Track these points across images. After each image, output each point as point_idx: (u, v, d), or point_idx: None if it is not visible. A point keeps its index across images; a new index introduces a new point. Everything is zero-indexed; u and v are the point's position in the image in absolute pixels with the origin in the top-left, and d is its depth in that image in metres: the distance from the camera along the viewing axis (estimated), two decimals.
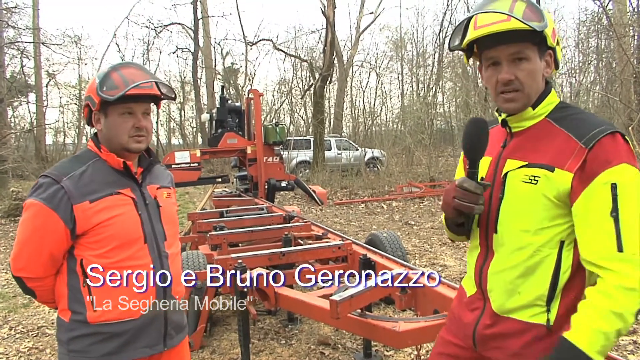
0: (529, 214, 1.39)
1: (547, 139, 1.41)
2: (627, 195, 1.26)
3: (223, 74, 28.40)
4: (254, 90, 8.49)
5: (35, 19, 23.22)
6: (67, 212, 1.72)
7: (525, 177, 1.40)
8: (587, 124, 1.35)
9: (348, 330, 3.27)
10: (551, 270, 1.37)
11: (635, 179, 1.28)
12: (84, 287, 1.77)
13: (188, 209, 12.17)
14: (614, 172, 1.27)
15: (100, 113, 1.84)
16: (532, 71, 1.41)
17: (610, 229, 1.24)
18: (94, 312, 1.77)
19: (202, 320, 3.95)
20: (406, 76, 31.65)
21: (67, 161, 1.88)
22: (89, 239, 1.77)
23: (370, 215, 11.06)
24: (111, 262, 1.78)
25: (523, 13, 1.34)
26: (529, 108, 1.44)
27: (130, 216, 1.83)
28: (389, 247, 4.48)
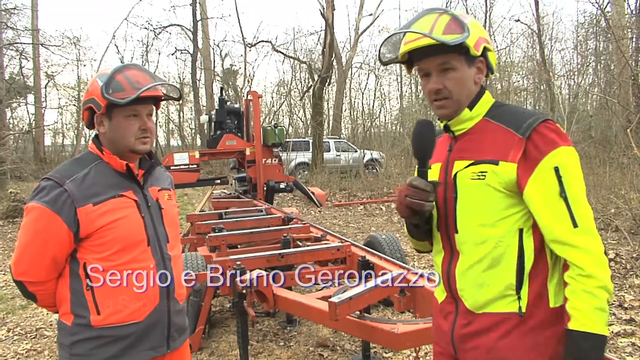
0: (484, 208, 1.45)
1: (488, 136, 1.48)
2: (569, 175, 1.36)
3: (222, 76, 28.40)
4: (253, 92, 8.50)
5: (34, 20, 23.26)
6: (70, 215, 1.71)
7: (474, 175, 1.46)
8: (520, 116, 1.44)
9: (347, 332, 3.27)
10: (515, 259, 1.42)
11: (573, 157, 1.39)
12: (88, 290, 1.76)
13: (187, 210, 12.16)
14: (554, 155, 1.36)
15: (104, 116, 1.82)
16: (459, 79, 1.48)
17: (563, 208, 1.34)
18: (98, 316, 1.76)
19: (201, 321, 3.94)
20: (405, 78, 31.67)
21: (69, 163, 1.86)
22: (92, 242, 1.76)
23: (369, 216, 11.06)
24: (115, 264, 1.77)
25: (445, 27, 1.42)
26: (466, 110, 1.52)
27: (134, 218, 1.83)
28: (388, 249, 4.49)
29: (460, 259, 1.52)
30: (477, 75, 1.52)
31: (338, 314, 2.41)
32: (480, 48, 1.47)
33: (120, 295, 1.78)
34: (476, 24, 1.49)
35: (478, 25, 1.49)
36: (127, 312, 1.79)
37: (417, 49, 1.48)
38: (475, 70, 1.51)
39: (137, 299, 1.81)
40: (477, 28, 1.47)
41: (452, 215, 1.53)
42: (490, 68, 1.53)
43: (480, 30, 1.48)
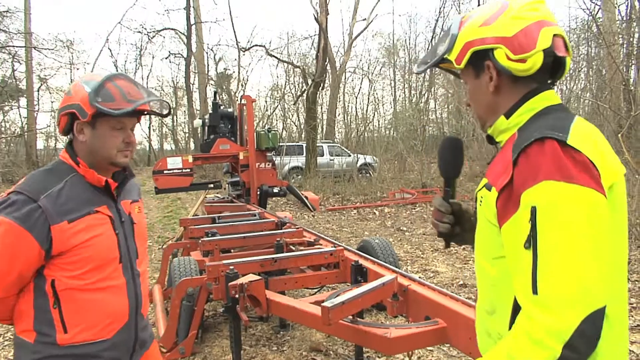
0: (485, 242, 1.24)
1: (503, 153, 1.23)
2: (547, 222, 1.00)
3: (216, 80, 28.41)
4: (247, 96, 8.50)
5: (27, 23, 23.18)
6: (43, 233, 1.61)
7: (480, 198, 1.25)
8: (533, 130, 1.14)
9: (340, 336, 3.27)
10: (509, 309, 1.15)
11: (560, 198, 1.01)
12: (55, 308, 1.67)
13: (180, 214, 12.14)
14: (534, 191, 1.03)
15: (87, 124, 1.74)
16: (472, 92, 1.37)
17: (527, 263, 1.02)
18: (65, 334, 1.68)
19: (194, 326, 3.93)
20: (398, 82, 31.89)
21: (41, 175, 1.74)
22: (64, 260, 1.67)
23: (363, 221, 11.07)
24: (86, 283, 1.70)
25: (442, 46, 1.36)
26: (502, 118, 1.29)
27: (108, 236, 1.77)
28: (381, 254, 4.49)
29: (478, 293, 1.33)
30: (489, 83, 1.29)
31: (331, 318, 2.41)
32: (466, 57, 1.29)
33: (89, 313, 1.72)
34: (470, 25, 1.30)
35: (472, 26, 1.29)
36: (96, 330, 1.73)
37: None
38: (488, 78, 1.29)
39: (106, 317, 1.76)
40: (468, 31, 1.29)
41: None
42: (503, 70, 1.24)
43: (471, 33, 1.28)
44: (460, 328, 2.45)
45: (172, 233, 9.92)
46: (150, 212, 13.72)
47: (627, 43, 13.03)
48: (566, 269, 0.97)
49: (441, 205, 1.46)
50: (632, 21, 13.04)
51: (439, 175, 1.49)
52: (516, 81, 1.26)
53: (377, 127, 28.60)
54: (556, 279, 0.97)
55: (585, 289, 0.96)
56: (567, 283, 0.96)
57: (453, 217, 1.48)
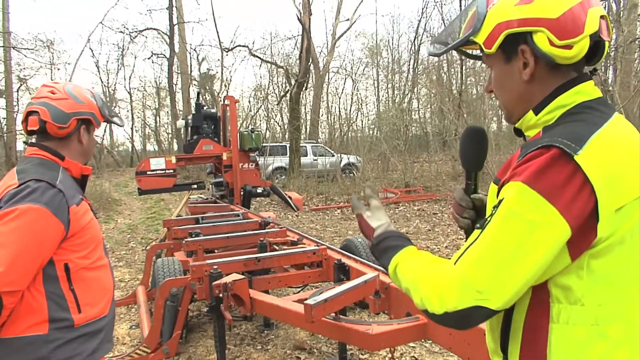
0: None
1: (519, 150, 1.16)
2: (501, 216, 1.02)
3: (199, 80, 28.27)
4: (230, 97, 8.51)
5: (4, 22, 22.81)
6: (65, 215, 1.75)
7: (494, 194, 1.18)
8: (555, 133, 1.05)
9: (323, 334, 3.31)
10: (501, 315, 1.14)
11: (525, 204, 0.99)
12: (70, 290, 1.78)
13: (163, 215, 12.09)
14: (509, 186, 1.03)
15: (86, 130, 2.03)
16: (496, 80, 1.23)
17: (471, 239, 1.06)
18: (80, 314, 1.80)
19: (178, 326, 3.94)
20: (382, 82, 32.05)
21: (39, 168, 1.83)
22: (74, 241, 1.80)
23: (346, 220, 11.13)
24: (91, 262, 1.88)
25: (466, 23, 1.22)
26: (530, 113, 1.17)
27: (95, 220, 1.99)
28: (364, 253, 4.55)
29: None
30: (523, 70, 1.15)
31: (314, 315, 2.45)
32: (498, 40, 1.13)
33: (95, 290, 1.89)
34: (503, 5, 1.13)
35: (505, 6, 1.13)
36: (100, 306, 1.90)
37: None
38: (521, 65, 1.15)
39: (105, 293, 1.95)
40: (501, 11, 1.13)
41: None
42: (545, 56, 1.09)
43: (505, 14, 1.12)
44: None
45: (156, 234, 9.88)
46: (133, 213, 13.64)
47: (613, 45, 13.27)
48: (487, 262, 1.00)
49: (462, 200, 1.36)
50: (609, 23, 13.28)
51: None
52: (554, 69, 1.13)
53: (361, 127, 28.75)
54: (476, 264, 1.01)
55: (491, 286, 0.99)
56: (481, 272, 1.00)
57: (474, 213, 1.37)
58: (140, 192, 7.74)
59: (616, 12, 13.27)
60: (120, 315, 5.21)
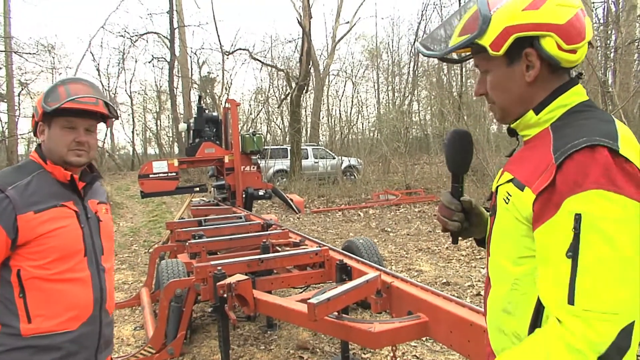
0: (508, 240, 1.19)
1: (536, 150, 1.17)
2: (592, 232, 0.96)
3: (199, 83, 28.36)
4: (231, 100, 8.56)
5: (6, 27, 22.91)
6: (10, 222, 1.68)
7: (505, 194, 1.19)
8: (576, 132, 1.07)
9: (326, 332, 3.36)
10: (531, 310, 1.13)
11: (609, 210, 0.96)
12: (20, 297, 1.72)
13: (165, 218, 12.13)
14: (581, 199, 0.98)
15: (45, 124, 1.87)
16: (496, 83, 1.25)
17: (565, 272, 0.98)
18: (29, 324, 1.73)
19: (182, 327, 3.99)
20: (382, 85, 32.11)
21: (9, 171, 1.85)
22: (29, 249, 1.73)
23: (347, 222, 11.18)
24: (51, 273, 1.77)
25: (463, 26, 1.24)
26: (531, 113, 1.22)
27: (73, 229, 1.84)
28: (365, 253, 4.59)
29: (491, 292, 1.29)
30: (527, 73, 1.20)
31: (317, 314, 2.49)
32: (507, 42, 1.17)
33: (54, 303, 1.77)
34: (510, 8, 1.16)
35: (512, 10, 1.16)
36: (61, 320, 1.78)
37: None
38: (524, 67, 1.19)
39: (71, 308, 1.81)
40: (508, 14, 1.16)
41: (490, 236, 1.31)
42: (552, 59, 1.16)
43: (511, 17, 1.16)
44: (441, 322, 2.55)
45: (158, 237, 9.93)
46: (135, 216, 13.69)
47: (605, 46, 13.32)
48: (607, 283, 0.95)
49: (451, 203, 1.37)
50: (608, 24, 13.33)
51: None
52: (554, 72, 1.20)
53: (361, 129, 28.83)
54: (596, 292, 0.95)
55: (623, 303, 0.94)
56: (607, 297, 0.94)
57: (463, 215, 1.40)
58: (143, 195, 7.79)
59: (615, 14, 13.32)
60: (125, 317, 5.26)
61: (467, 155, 1.38)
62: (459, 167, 1.38)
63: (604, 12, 14.19)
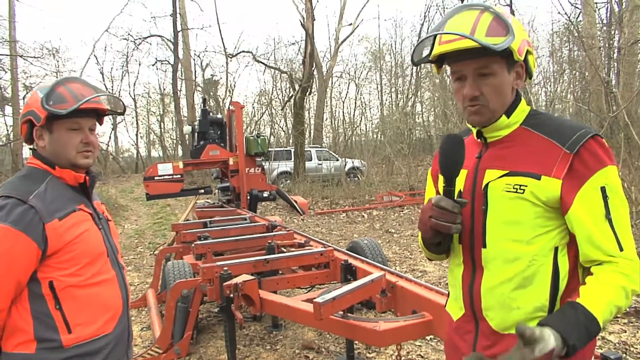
0: (520, 224, 1.36)
1: (526, 147, 1.39)
2: (614, 197, 1.30)
3: (203, 86, 28.44)
4: (236, 103, 8.62)
5: (11, 31, 23.04)
6: (38, 233, 1.62)
7: (509, 187, 1.37)
8: (566, 128, 1.36)
9: (331, 331, 3.39)
10: (549, 279, 1.34)
11: (617, 178, 1.34)
12: (56, 309, 1.68)
13: (170, 220, 12.19)
14: (602, 174, 1.30)
15: (44, 129, 1.78)
16: (497, 86, 1.38)
17: (609, 231, 1.29)
18: (69, 335, 1.69)
19: (189, 327, 4.03)
20: (385, 86, 32.11)
21: (19, 181, 1.76)
22: (59, 259, 1.69)
23: (351, 224, 11.21)
24: (83, 279, 1.74)
25: (487, 28, 1.31)
26: (503, 117, 1.42)
27: (95, 231, 1.82)
28: (370, 254, 4.61)
29: (486, 276, 1.43)
30: (515, 81, 1.42)
31: (322, 313, 2.52)
32: (524, 52, 1.36)
33: (90, 309, 1.75)
34: (519, 24, 1.37)
35: (521, 26, 1.37)
36: (99, 324, 1.77)
37: (453, 51, 1.35)
38: (515, 75, 1.41)
39: (106, 310, 1.80)
40: (521, 29, 1.36)
41: (481, 228, 1.43)
42: (529, 73, 1.44)
43: (523, 32, 1.37)
44: (445, 320, 2.56)
45: (163, 239, 9.98)
46: (140, 218, 13.76)
47: (608, 46, 13.33)
48: (629, 231, 1.33)
49: (454, 207, 1.38)
50: (611, 24, 13.33)
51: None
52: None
53: (365, 131, 28.84)
54: (628, 239, 1.32)
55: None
56: (631, 240, 1.32)
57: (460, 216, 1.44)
58: (149, 197, 7.84)
59: (618, 14, 13.33)
60: (131, 318, 5.24)
61: (461, 160, 1.41)
62: (455, 171, 1.40)
63: (607, 13, 14.22)
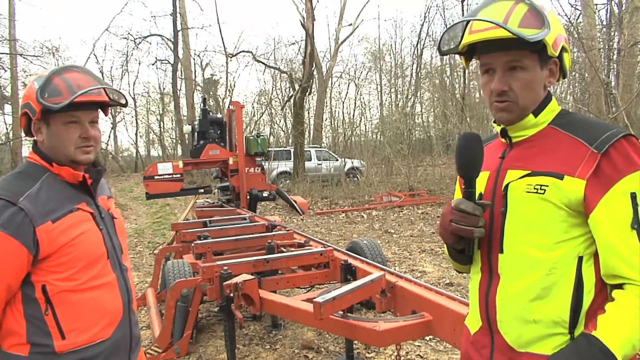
0: (540, 228, 1.25)
1: (551, 145, 1.28)
2: None
3: (203, 86, 28.44)
4: (236, 102, 8.62)
5: (11, 29, 23.03)
6: (29, 237, 1.52)
7: (530, 187, 1.26)
8: (596, 127, 1.24)
9: (331, 331, 3.40)
10: (571, 290, 1.22)
11: None
12: (47, 315, 1.59)
13: (169, 220, 12.19)
14: (632, 179, 1.17)
15: (41, 122, 1.67)
16: (528, 81, 1.30)
17: (634, 242, 1.15)
18: (63, 341, 1.60)
19: (189, 327, 4.04)
20: (385, 87, 32.16)
21: (13, 179, 1.65)
22: (53, 262, 1.59)
23: (351, 224, 11.21)
24: (79, 283, 1.64)
25: (521, 19, 1.23)
26: (530, 116, 1.33)
27: (93, 232, 1.71)
28: (369, 254, 4.62)
29: (501, 284, 1.32)
30: (548, 78, 1.33)
31: (322, 313, 2.53)
32: (559, 48, 1.28)
33: (86, 314, 1.66)
34: (556, 18, 1.28)
35: (558, 21, 1.29)
36: (95, 330, 1.68)
37: (483, 41, 1.28)
38: (548, 72, 1.32)
39: (103, 315, 1.71)
40: (557, 23, 1.27)
41: (499, 232, 1.33)
42: (563, 71, 1.34)
43: (560, 27, 1.28)
44: (445, 320, 2.59)
45: (162, 238, 9.99)
46: (139, 218, 13.75)
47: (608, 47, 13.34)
48: None
49: (475, 209, 1.30)
50: (611, 26, 13.35)
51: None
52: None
53: (364, 131, 28.84)
54: None
55: None
56: None
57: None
58: (148, 196, 7.84)
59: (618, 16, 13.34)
60: None
61: (481, 159, 1.33)
62: (472, 171, 1.33)
63: (607, 14, 14.21)
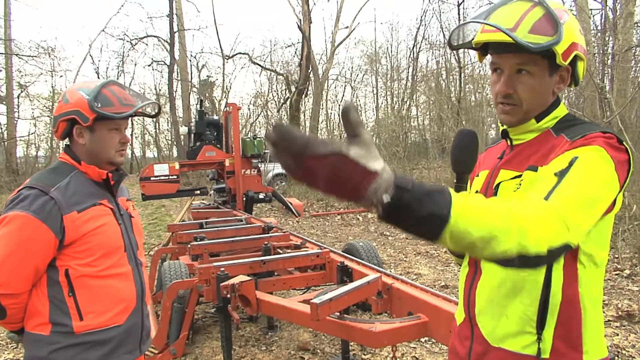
0: None
1: (543, 147, 1.30)
2: (581, 165, 1.11)
3: (199, 87, 28.41)
4: (232, 104, 8.64)
5: (6, 29, 22.97)
6: (56, 223, 1.75)
7: (516, 186, 1.29)
8: (585, 128, 1.23)
9: (327, 332, 3.41)
10: (539, 289, 1.22)
11: (600, 160, 1.14)
12: (70, 296, 1.80)
13: (165, 221, 12.17)
14: (581, 150, 1.15)
15: (85, 128, 1.90)
16: (534, 87, 1.29)
17: (549, 183, 1.09)
18: (81, 322, 1.80)
19: (185, 328, 4.04)
20: (381, 90, 32.16)
21: (47, 173, 1.90)
22: (76, 249, 1.80)
23: (347, 226, 11.23)
24: (97, 270, 1.85)
25: (534, 24, 1.20)
26: (532, 120, 1.33)
27: (113, 225, 1.93)
28: (365, 256, 4.65)
29: (482, 278, 1.35)
30: (558, 84, 1.31)
31: (319, 314, 2.55)
32: (570, 56, 1.25)
33: (103, 299, 1.86)
34: (573, 25, 1.26)
35: (574, 27, 1.26)
36: (110, 315, 1.87)
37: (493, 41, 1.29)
38: (557, 79, 1.31)
39: (119, 302, 1.90)
40: (573, 31, 1.25)
41: None
42: (575, 79, 1.32)
43: (575, 35, 1.26)
44: (441, 322, 2.61)
45: (158, 240, 9.96)
46: None
47: (602, 52, 13.42)
48: (574, 203, 1.04)
49: None
50: (606, 31, 13.43)
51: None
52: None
53: None
54: (566, 202, 1.03)
55: (577, 225, 1.02)
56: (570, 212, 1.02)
57: None
58: (144, 197, 7.84)
59: (612, 21, 13.43)
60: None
61: (475, 155, 1.37)
62: (468, 167, 1.37)
63: (602, 19, 14.30)
